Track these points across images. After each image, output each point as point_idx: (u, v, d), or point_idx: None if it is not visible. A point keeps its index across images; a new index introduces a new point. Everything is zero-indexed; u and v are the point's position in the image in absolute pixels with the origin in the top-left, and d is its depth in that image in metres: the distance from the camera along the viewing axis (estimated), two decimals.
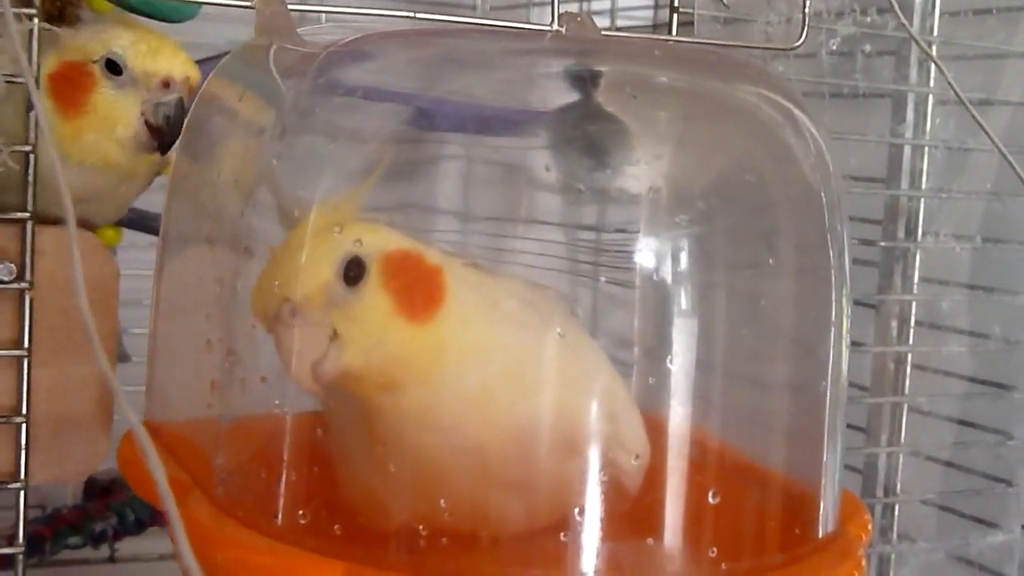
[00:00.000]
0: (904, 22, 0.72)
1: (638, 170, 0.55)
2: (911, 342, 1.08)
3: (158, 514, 0.83)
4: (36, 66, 0.66)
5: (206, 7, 0.72)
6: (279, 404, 0.54)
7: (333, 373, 0.52)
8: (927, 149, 1.05)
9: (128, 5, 0.76)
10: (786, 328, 0.59)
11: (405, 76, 0.59)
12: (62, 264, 0.68)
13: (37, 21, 0.66)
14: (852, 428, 1.10)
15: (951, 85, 0.75)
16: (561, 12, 0.69)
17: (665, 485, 0.53)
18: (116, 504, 1.02)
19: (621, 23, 1.52)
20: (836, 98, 1.01)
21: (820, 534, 0.58)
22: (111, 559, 1.05)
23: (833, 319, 0.58)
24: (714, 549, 0.53)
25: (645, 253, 0.54)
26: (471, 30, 0.66)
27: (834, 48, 0.96)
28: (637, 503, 0.53)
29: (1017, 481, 1.07)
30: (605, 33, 0.70)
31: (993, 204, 1.05)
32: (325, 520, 0.53)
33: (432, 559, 0.51)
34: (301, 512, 0.53)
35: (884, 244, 1.06)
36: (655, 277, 0.54)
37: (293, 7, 0.65)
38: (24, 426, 0.66)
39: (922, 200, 1.05)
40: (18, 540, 0.67)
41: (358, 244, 0.52)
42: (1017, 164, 1.00)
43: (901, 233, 1.07)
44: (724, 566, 0.53)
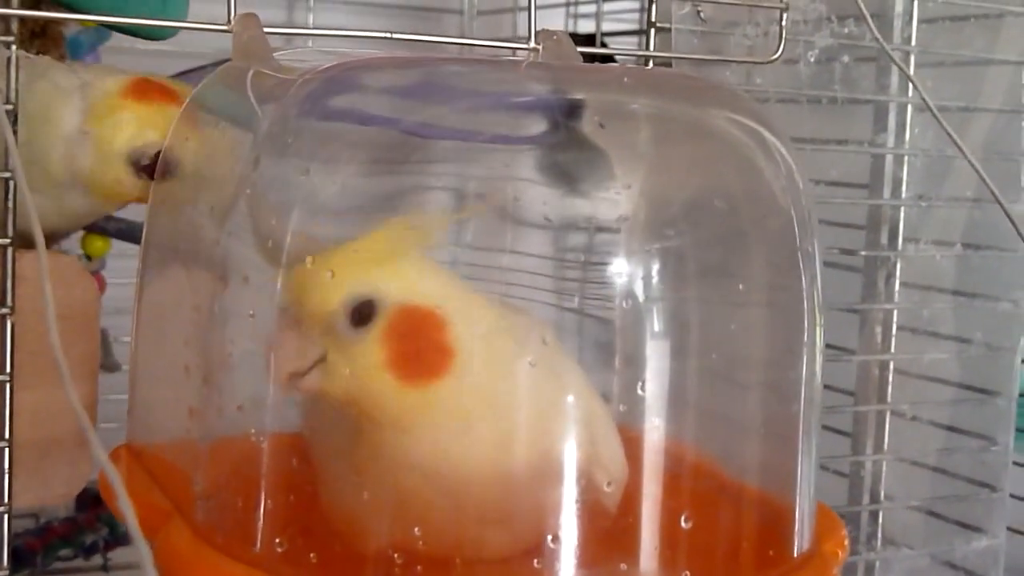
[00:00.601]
0: (877, 35, 0.73)
1: (608, 198, 0.56)
2: (894, 349, 1.08)
3: None
4: (16, 92, 0.66)
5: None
6: (255, 433, 0.55)
7: (309, 391, 0.53)
8: (906, 157, 1.05)
9: (109, 25, 0.76)
10: (759, 349, 0.59)
11: (381, 104, 0.60)
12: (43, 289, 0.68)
13: (15, 48, 0.67)
14: (838, 434, 1.10)
15: (921, 94, 0.75)
16: (538, 30, 0.70)
17: (639, 508, 0.54)
18: (107, 515, 1.02)
19: (608, 26, 1.52)
20: (817, 106, 1.01)
21: (795, 553, 0.58)
22: (104, 568, 1.06)
23: (806, 339, 0.59)
24: (687, 573, 0.54)
25: (617, 279, 0.54)
26: (449, 58, 0.66)
27: (812, 59, 0.96)
28: (611, 527, 0.54)
29: (1001, 486, 1.08)
30: (582, 50, 0.71)
31: (974, 211, 1.06)
32: (301, 548, 0.53)
33: None
34: (278, 540, 0.53)
35: (865, 253, 1.07)
36: (627, 303, 0.54)
37: (270, 31, 0.66)
38: (7, 450, 0.67)
39: (902, 208, 1.06)
40: (2, 563, 0.67)
41: (376, 289, 0.52)
42: (999, 171, 1.01)
43: (884, 240, 1.07)
44: None
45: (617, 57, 1.17)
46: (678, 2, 0.86)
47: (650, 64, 0.80)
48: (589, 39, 1.48)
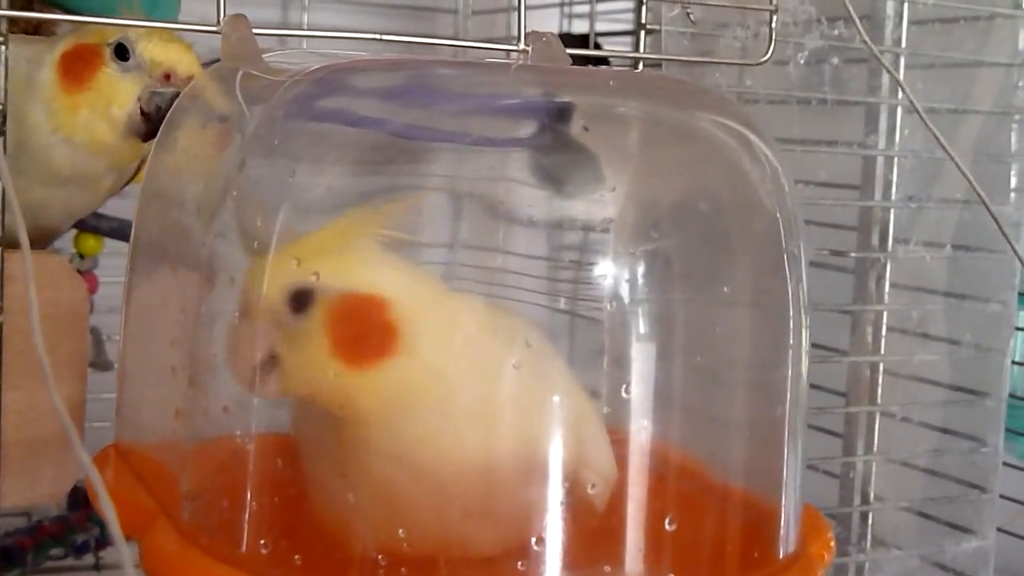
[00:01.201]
0: (864, 37, 0.73)
1: (595, 200, 0.56)
2: (884, 350, 1.08)
3: None
4: (4, 92, 0.66)
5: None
6: (240, 434, 0.55)
7: (272, 393, 0.53)
8: (896, 158, 1.05)
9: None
10: (744, 351, 0.59)
11: (368, 107, 0.60)
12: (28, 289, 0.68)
13: (5, 49, 0.67)
14: (829, 435, 1.11)
15: (908, 96, 0.75)
16: (528, 31, 0.70)
17: (624, 510, 0.54)
18: (98, 515, 1.02)
19: (602, 27, 1.52)
20: (807, 107, 1.01)
21: (780, 555, 0.59)
22: (96, 567, 1.06)
23: (792, 341, 0.59)
24: (671, 575, 0.54)
25: (603, 281, 0.55)
26: (437, 61, 0.66)
27: (802, 61, 0.96)
28: (596, 528, 0.54)
29: (991, 487, 1.08)
30: (571, 52, 0.71)
31: (964, 213, 1.06)
32: (286, 549, 0.53)
33: None
34: (263, 541, 0.54)
35: (855, 254, 1.07)
36: (614, 303, 0.54)
37: (260, 32, 0.66)
38: None
39: (892, 209, 1.06)
40: None
41: (314, 277, 0.53)
42: (988, 173, 1.01)
43: (875, 241, 1.08)
44: None
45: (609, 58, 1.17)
46: (668, 4, 0.86)
47: (640, 66, 0.80)
48: (583, 40, 1.48)
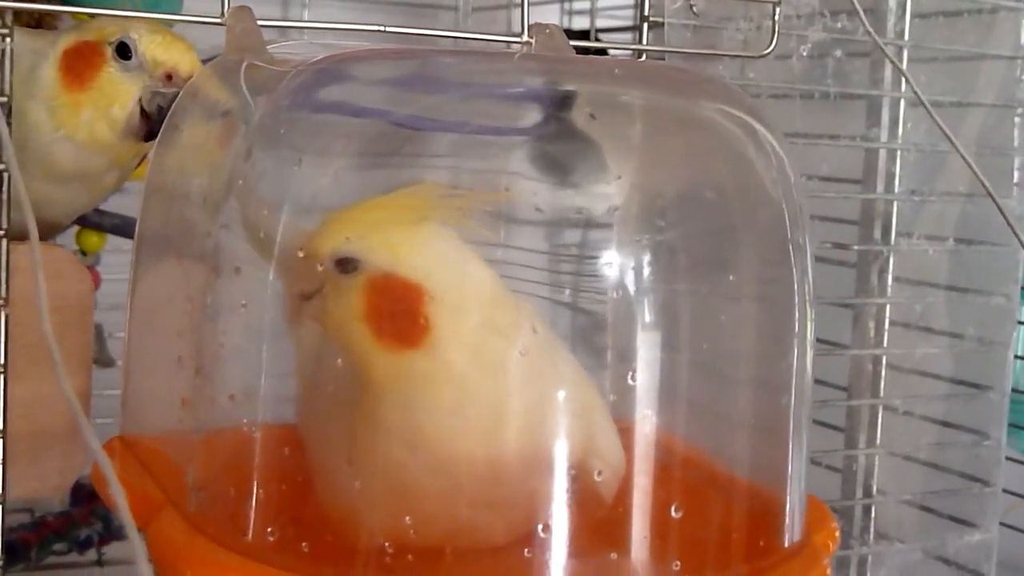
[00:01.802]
0: (869, 29, 0.73)
1: (599, 189, 0.56)
2: (887, 343, 1.08)
3: None
4: (9, 85, 0.67)
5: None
6: (247, 422, 0.55)
7: (311, 316, 0.54)
8: (899, 152, 1.05)
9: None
10: (749, 341, 0.59)
11: (373, 96, 0.60)
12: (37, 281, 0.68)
13: (10, 41, 0.67)
14: (831, 428, 1.11)
15: (914, 89, 0.76)
16: (531, 23, 0.70)
17: (630, 498, 0.54)
18: (101, 509, 1.02)
19: (603, 23, 1.53)
20: (810, 100, 1.01)
21: (786, 544, 0.59)
22: (99, 563, 1.06)
23: (796, 331, 0.59)
24: (678, 563, 0.54)
25: (608, 270, 0.55)
26: (441, 51, 0.66)
27: (805, 54, 0.96)
28: (602, 517, 0.54)
29: (994, 481, 1.08)
30: (574, 43, 0.71)
31: (967, 206, 1.06)
32: (292, 537, 0.53)
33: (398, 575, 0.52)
34: (270, 529, 0.54)
35: (857, 248, 1.07)
36: (618, 293, 0.55)
37: (264, 23, 0.66)
38: (2, 442, 0.67)
39: (895, 203, 1.06)
40: None
41: (361, 248, 0.53)
42: (991, 166, 1.01)
43: (878, 235, 1.08)
44: None
45: (610, 51, 1.17)
46: None
47: (643, 58, 0.80)
48: (583, 35, 1.49)
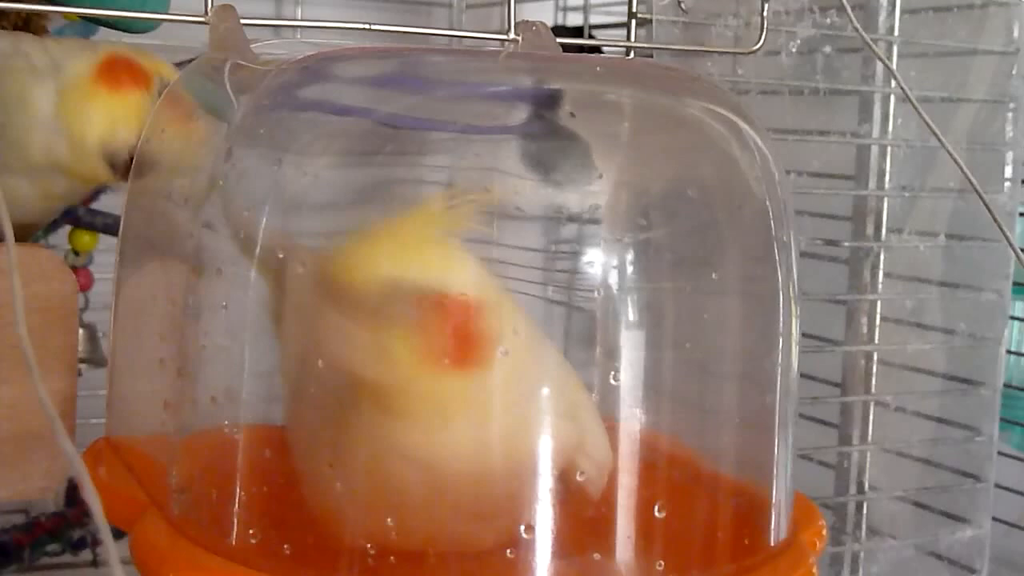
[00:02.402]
0: (856, 25, 0.72)
1: (582, 187, 0.56)
2: (879, 339, 1.08)
3: None
4: None
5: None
6: (229, 424, 0.55)
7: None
8: (890, 147, 1.05)
9: (88, 17, 0.76)
10: (734, 339, 0.59)
11: (355, 95, 0.59)
12: (21, 282, 0.68)
13: None
14: (824, 425, 1.11)
15: (901, 85, 0.75)
16: (518, 21, 0.70)
17: (614, 498, 0.54)
18: None
19: (596, 19, 1.52)
20: (800, 97, 1.01)
21: (772, 542, 0.58)
22: (94, 563, 1.06)
23: (781, 328, 0.59)
24: (661, 563, 0.54)
25: (591, 268, 0.54)
26: (424, 49, 0.66)
27: (794, 50, 0.96)
28: (587, 516, 0.54)
29: (986, 476, 1.08)
30: (561, 41, 0.71)
31: (959, 202, 1.06)
32: (275, 539, 0.53)
33: None
34: (252, 531, 0.53)
35: (849, 244, 1.07)
36: (600, 292, 0.54)
37: (248, 22, 0.65)
38: None
39: (886, 199, 1.06)
40: None
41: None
42: (982, 162, 1.01)
43: (869, 231, 1.08)
44: None
45: (603, 48, 1.17)
46: None
47: (632, 55, 0.80)
48: (577, 32, 1.48)
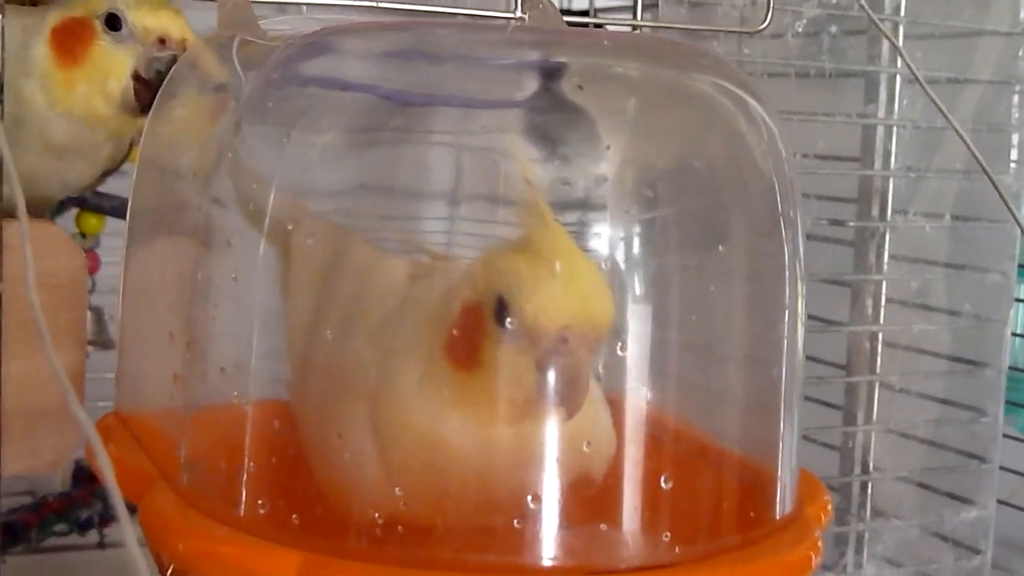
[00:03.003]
0: (864, 6, 0.73)
1: (589, 161, 0.56)
2: (884, 320, 1.08)
3: None
4: (1, 63, 0.66)
5: None
6: (238, 396, 0.55)
7: None
8: (896, 128, 1.05)
9: None
10: (740, 314, 0.59)
11: (362, 69, 0.60)
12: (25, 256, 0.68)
13: (1, 18, 0.67)
14: (829, 406, 1.11)
15: (909, 65, 0.75)
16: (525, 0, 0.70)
17: (620, 470, 0.54)
18: (101, 491, 1.03)
19: (602, 2, 1.52)
20: (807, 78, 1.01)
21: (777, 515, 0.59)
22: (100, 545, 1.06)
23: (787, 303, 0.59)
24: (668, 533, 0.54)
25: (599, 241, 0.55)
26: (431, 23, 0.66)
27: (800, 30, 0.96)
28: (593, 488, 0.54)
29: (991, 458, 1.08)
30: (567, 19, 0.71)
31: (964, 183, 1.06)
32: (283, 510, 0.54)
33: (388, 547, 0.52)
34: (260, 502, 0.54)
35: (854, 225, 1.07)
36: (607, 265, 0.54)
37: (256, 0, 0.66)
38: None
39: (891, 180, 1.06)
40: None
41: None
42: (988, 142, 1.01)
43: (875, 212, 1.08)
44: (678, 550, 0.54)
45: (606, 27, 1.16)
46: None
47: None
48: (582, 15, 1.48)
